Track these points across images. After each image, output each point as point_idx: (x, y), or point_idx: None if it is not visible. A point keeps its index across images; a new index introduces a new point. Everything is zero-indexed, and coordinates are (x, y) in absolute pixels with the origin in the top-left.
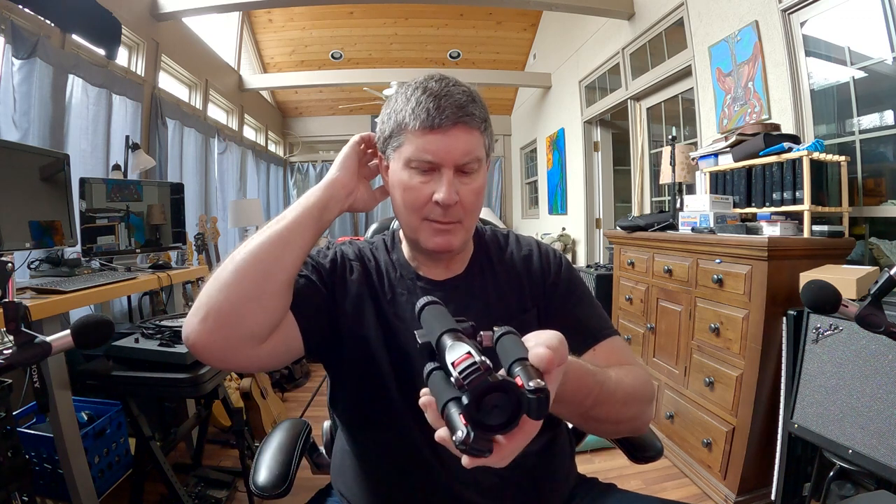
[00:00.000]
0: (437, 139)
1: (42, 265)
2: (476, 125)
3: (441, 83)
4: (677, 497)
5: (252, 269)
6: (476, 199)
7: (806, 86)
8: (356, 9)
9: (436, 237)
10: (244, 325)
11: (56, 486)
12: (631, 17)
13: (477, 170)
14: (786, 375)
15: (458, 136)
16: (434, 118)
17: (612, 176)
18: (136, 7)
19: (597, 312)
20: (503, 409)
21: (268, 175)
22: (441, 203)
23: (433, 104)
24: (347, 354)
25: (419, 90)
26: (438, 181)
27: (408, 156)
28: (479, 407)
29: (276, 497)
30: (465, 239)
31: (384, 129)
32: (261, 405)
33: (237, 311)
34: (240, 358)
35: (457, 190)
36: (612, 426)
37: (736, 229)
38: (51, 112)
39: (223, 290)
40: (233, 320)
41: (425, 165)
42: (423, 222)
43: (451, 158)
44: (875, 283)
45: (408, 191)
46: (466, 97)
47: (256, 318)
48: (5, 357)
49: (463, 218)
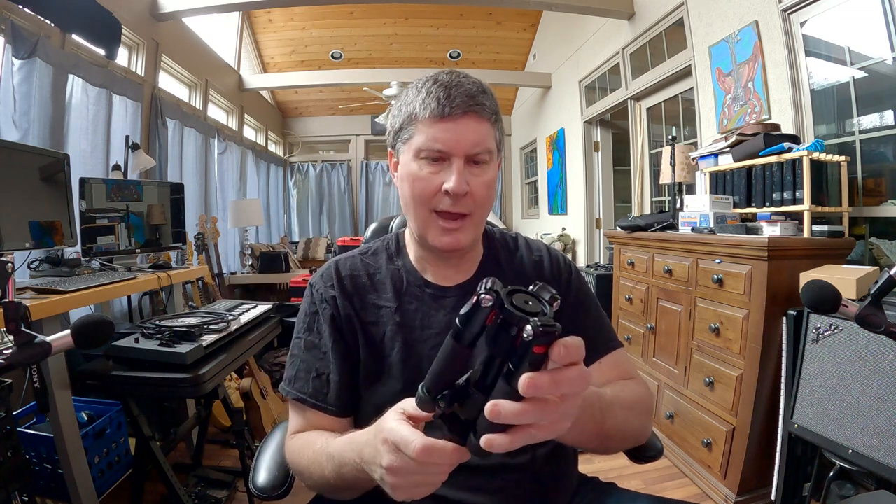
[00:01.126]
0: (448, 128)
1: (42, 265)
2: (487, 115)
3: (451, 75)
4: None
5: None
6: (487, 191)
7: (806, 86)
8: (356, 9)
9: (444, 237)
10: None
11: (56, 486)
12: (631, 17)
13: (488, 161)
14: (786, 375)
15: (468, 124)
16: (444, 106)
17: (612, 176)
18: (136, 7)
19: (604, 324)
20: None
21: (268, 175)
22: (451, 192)
23: (444, 93)
24: (363, 372)
25: (430, 82)
26: (448, 171)
27: (418, 146)
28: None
29: (276, 498)
30: (474, 236)
31: (395, 123)
32: (261, 405)
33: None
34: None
35: (467, 181)
36: (619, 442)
37: (736, 229)
38: (51, 112)
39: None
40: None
41: (435, 154)
42: (432, 216)
43: (462, 147)
44: (875, 283)
45: (417, 181)
46: (477, 88)
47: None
48: (5, 357)
49: (473, 210)
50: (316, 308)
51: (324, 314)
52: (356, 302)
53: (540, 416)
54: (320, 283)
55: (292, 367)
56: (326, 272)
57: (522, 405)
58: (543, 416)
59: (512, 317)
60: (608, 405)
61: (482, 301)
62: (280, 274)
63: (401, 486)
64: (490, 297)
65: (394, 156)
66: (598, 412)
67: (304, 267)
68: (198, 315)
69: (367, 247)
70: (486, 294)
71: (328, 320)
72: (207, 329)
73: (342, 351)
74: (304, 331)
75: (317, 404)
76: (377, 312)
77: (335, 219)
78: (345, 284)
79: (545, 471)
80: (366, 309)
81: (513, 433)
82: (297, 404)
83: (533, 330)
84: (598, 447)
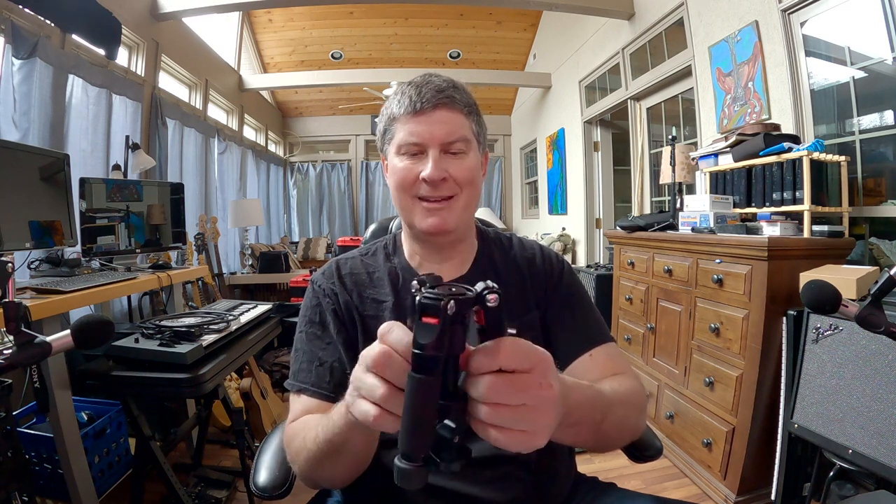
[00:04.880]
0: (421, 121)
1: (42, 265)
2: (458, 107)
3: (424, 76)
4: (677, 497)
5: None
6: (469, 174)
7: (806, 86)
8: (356, 9)
9: (429, 217)
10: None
11: (56, 486)
12: (631, 17)
13: (465, 150)
14: (786, 375)
15: (440, 116)
16: (416, 103)
17: (612, 176)
18: (136, 7)
19: (595, 318)
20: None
21: (268, 175)
22: (427, 179)
23: (415, 91)
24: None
25: (406, 84)
26: (426, 161)
27: (398, 143)
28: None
29: (277, 498)
30: (460, 218)
31: (381, 128)
32: (261, 405)
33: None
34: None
35: (446, 168)
36: (617, 438)
37: (736, 229)
38: (51, 112)
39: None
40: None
41: (413, 149)
42: (415, 201)
43: (436, 138)
44: (875, 283)
45: (397, 172)
46: (447, 83)
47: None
48: (5, 357)
49: (458, 192)
50: (318, 301)
51: (326, 307)
52: (355, 296)
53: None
54: (322, 279)
55: (296, 362)
56: (328, 270)
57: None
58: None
59: (413, 297)
60: (608, 404)
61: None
62: (280, 274)
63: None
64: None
65: (384, 158)
66: (599, 412)
67: (304, 267)
68: (198, 315)
69: (367, 248)
70: (417, 283)
71: (331, 312)
72: (207, 329)
73: (346, 341)
74: (307, 323)
75: (318, 392)
76: (376, 307)
77: (335, 219)
78: (345, 280)
79: (539, 462)
80: (365, 303)
81: (478, 425)
82: (300, 394)
83: (419, 298)
84: (594, 446)
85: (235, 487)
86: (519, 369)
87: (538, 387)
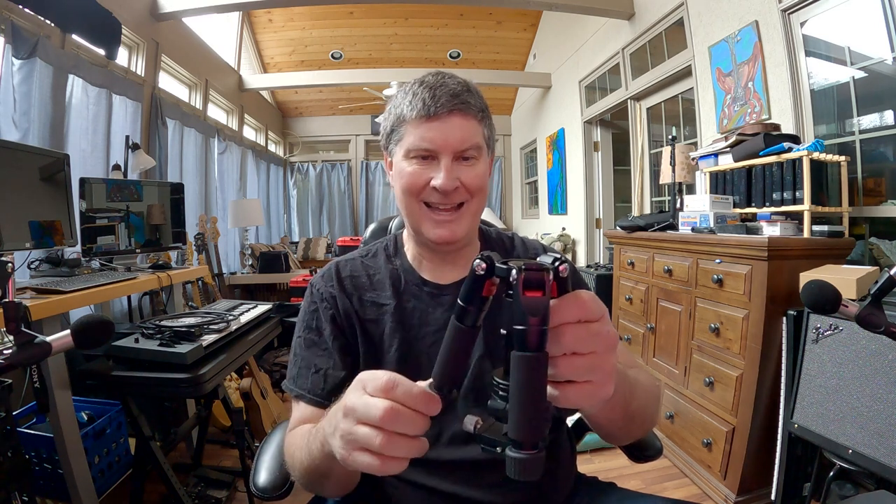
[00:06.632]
0: (434, 127)
1: (42, 265)
2: (472, 113)
3: (437, 76)
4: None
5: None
6: (479, 181)
7: (806, 86)
8: (356, 9)
9: (437, 229)
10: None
11: (56, 486)
12: (631, 17)
13: (477, 157)
14: (786, 375)
15: (454, 123)
16: (430, 107)
17: (612, 176)
18: (136, 7)
19: None
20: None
21: (268, 175)
22: (440, 189)
23: (429, 94)
24: (362, 369)
25: (416, 84)
26: (437, 168)
27: (407, 146)
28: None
29: (277, 498)
30: (469, 227)
31: (386, 126)
32: (261, 405)
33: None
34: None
35: (457, 175)
36: (640, 423)
37: (736, 229)
38: (51, 112)
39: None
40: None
41: (424, 153)
42: (424, 208)
43: (449, 146)
44: (875, 283)
45: (405, 177)
46: (462, 87)
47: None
48: (5, 357)
49: (468, 199)
50: (316, 306)
51: (324, 312)
52: (355, 300)
53: (571, 362)
54: (321, 283)
55: (294, 366)
56: (327, 273)
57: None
58: (577, 364)
59: (501, 271)
60: (633, 384)
61: (475, 269)
62: (280, 274)
63: (359, 445)
64: (484, 265)
65: (388, 157)
66: (628, 387)
67: (304, 267)
68: (198, 315)
69: (367, 249)
70: (482, 262)
71: (328, 318)
72: (207, 329)
73: (343, 347)
74: (305, 329)
75: (315, 399)
76: (376, 310)
77: (335, 219)
78: (344, 284)
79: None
80: (365, 307)
81: (560, 387)
82: (298, 400)
83: (517, 272)
84: (622, 429)
85: (235, 487)
86: (593, 318)
87: (606, 333)
